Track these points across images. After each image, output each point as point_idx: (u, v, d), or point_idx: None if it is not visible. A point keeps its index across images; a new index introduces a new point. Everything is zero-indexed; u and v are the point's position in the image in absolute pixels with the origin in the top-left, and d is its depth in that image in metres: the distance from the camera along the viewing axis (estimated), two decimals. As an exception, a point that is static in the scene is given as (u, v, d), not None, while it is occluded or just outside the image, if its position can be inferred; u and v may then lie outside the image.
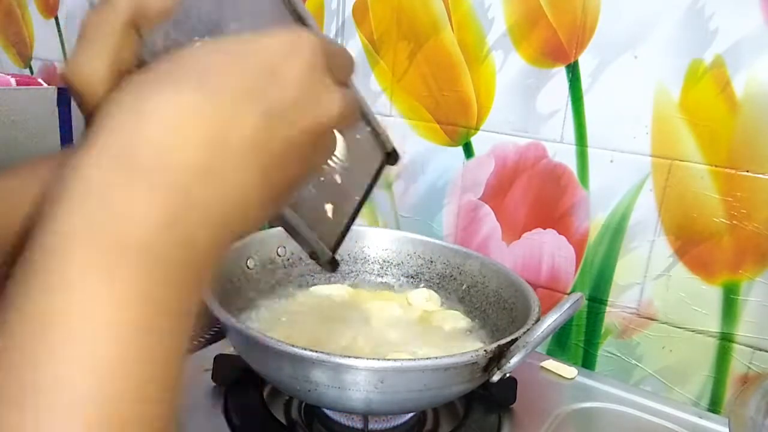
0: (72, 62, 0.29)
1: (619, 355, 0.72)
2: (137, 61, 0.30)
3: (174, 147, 0.21)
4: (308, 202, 0.34)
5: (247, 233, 0.27)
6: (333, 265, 0.36)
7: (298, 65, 0.25)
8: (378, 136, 0.38)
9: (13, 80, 0.94)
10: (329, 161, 0.32)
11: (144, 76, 0.23)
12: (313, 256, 0.35)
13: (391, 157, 0.39)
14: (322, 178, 0.35)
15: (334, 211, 0.36)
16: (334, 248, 0.36)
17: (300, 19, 0.34)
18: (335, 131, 0.29)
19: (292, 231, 0.33)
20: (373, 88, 0.81)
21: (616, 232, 0.69)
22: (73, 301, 0.19)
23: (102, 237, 0.20)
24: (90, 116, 0.30)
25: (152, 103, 0.22)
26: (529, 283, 0.61)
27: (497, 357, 0.49)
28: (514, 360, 0.49)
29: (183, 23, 0.30)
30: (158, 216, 0.21)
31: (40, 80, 1.00)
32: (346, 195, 0.37)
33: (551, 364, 0.70)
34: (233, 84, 0.23)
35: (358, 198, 0.38)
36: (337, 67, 0.27)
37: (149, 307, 0.20)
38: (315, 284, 0.71)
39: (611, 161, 0.68)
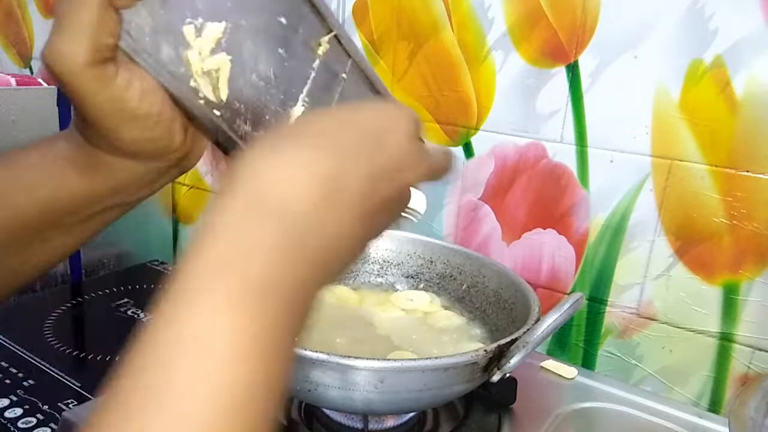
0: (50, 45, 0.28)
1: (619, 355, 0.72)
2: (120, 43, 0.29)
3: (296, 198, 0.24)
4: None
5: (341, 277, 0.29)
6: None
7: (401, 134, 0.29)
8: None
9: (13, 80, 0.94)
10: (409, 215, 0.35)
11: (273, 135, 0.26)
12: None
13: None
14: None
15: None
16: None
17: (313, 6, 0.34)
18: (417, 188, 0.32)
19: None
20: (373, 88, 0.81)
21: (616, 232, 0.69)
22: (198, 325, 0.21)
23: (227, 272, 0.22)
24: (71, 98, 0.30)
25: (279, 158, 0.25)
26: (529, 283, 0.61)
27: (497, 357, 0.49)
28: (514, 360, 0.49)
29: (170, 4, 0.30)
30: (278, 256, 0.23)
31: (40, 80, 1.00)
32: None
33: (551, 364, 0.70)
34: (346, 146, 0.27)
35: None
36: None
37: (258, 342, 0.22)
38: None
39: (611, 161, 0.68)
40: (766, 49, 0.58)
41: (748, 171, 0.61)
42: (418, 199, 0.35)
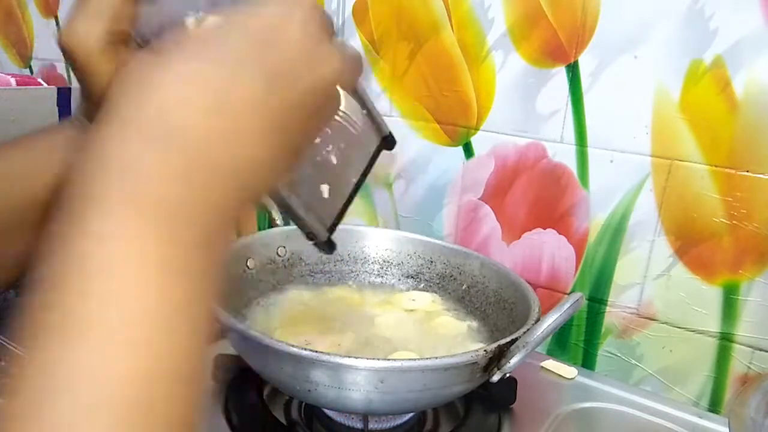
0: (68, 25, 0.30)
1: (619, 355, 0.72)
2: (132, 31, 0.31)
3: (180, 112, 0.23)
4: (305, 182, 0.35)
5: (263, 193, 0.28)
6: (330, 247, 0.37)
7: (295, 27, 0.26)
8: (374, 119, 0.38)
9: (13, 80, 0.94)
10: (337, 117, 0.33)
11: (151, 53, 0.24)
12: (311, 236, 0.36)
13: (388, 141, 0.39)
14: (319, 158, 0.35)
15: (331, 193, 0.37)
16: (331, 230, 0.37)
17: None
18: (338, 88, 0.29)
19: (288, 210, 0.33)
20: (373, 88, 0.81)
21: (616, 232, 0.69)
22: (110, 252, 0.21)
23: (133, 198, 0.21)
24: (83, 81, 0.31)
25: (160, 75, 0.23)
26: (529, 283, 0.61)
27: (497, 357, 0.49)
28: (514, 360, 0.49)
29: None
30: (172, 175, 0.22)
31: (40, 80, 1.00)
32: (342, 177, 0.38)
33: (551, 364, 0.70)
34: (232, 51, 0.25)
35: (354, 180, 0.38)
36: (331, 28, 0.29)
37: (173, 265, 0.21)
38: (315, 284, 0.71)
39: (611, 161, 0.68)
40: (766, 49, 0.58)
41: (748, 171, 0.61)
42: (349, 103, 0.33)
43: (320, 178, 0.36)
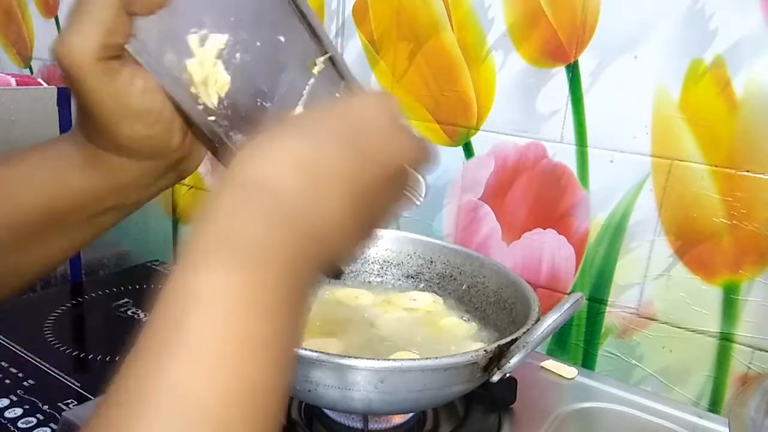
0: (62, 38, 0.30)
1: (619, 355, 0.72)
2: (127, 45, 0.31)
3: (276, 174, 0.26)
4: None
5: (341, 259, 0.31)
6: (337, 273, 0.37)
7: (384, 117, 0.31)
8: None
9: (13, 80, 0.94)
10: (411, 195, 0.35)
11: (263, 132, 0.28)
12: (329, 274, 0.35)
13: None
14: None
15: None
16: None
17: (303, 16, 0.35)
18: (413, 170, 0.33)
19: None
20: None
21: (616, 232, 0.69)
22: (210, 291, 0.23)
23: (232, 245, 0.24)
24: (77, 94, 0.32)
25: (265, 147, 0.27)
26: (529, 283, 0.61)
27: (497, 357, 0.49)
28: (514, 360, 0.49)
29: (178, 14, 0.31)
30: (264, 225, 0.25)
31: (40, 80, 1.00)
32: None
33: (551, 364, 0.70)
34: (327, 132, 0.29)
35: (383, 219, 0.39)
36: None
37: (267, 307, 0.24)
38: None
39: (611, 161, 0.68)
40: (766, 49, 0.58)
41: (748, 171, 0.61)
42: (417, 182, 0.36)
43: None
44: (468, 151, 0.77)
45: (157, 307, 0.23)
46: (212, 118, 0.33)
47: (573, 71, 0.68)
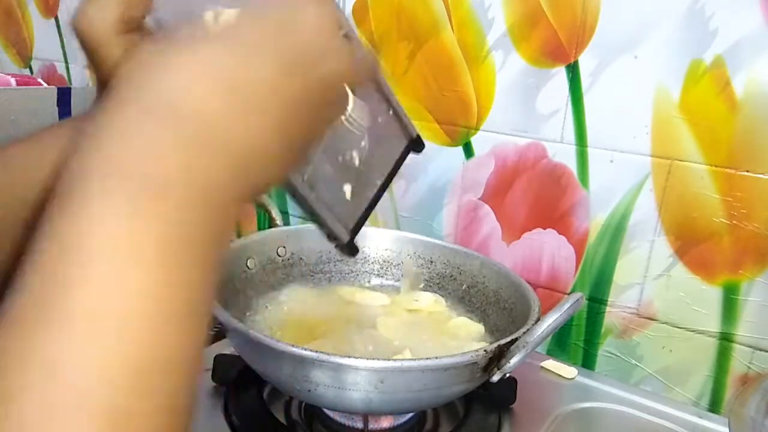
0: (81, 10, 0.30)
1: (619, 355, 0.72)
2: (145, 18, 0.30)
3: (194, 94, 0.22)
4: (326, 181, 0.34)
5: (268, 184, 0.27)
6: (352, 250, 0.36)
7: (309, 20, 0.26)
8: (401, 121, 0.37)
9: (13, 80, 0.94)
10: (345, 120, 0.32)
11: (164, 39, 0.24)
12: (331, 238, 0.34)
13: (416, 143, 0.39)
14: (341, 158, 0.35)
15: (354, 194, 0.36)
16: (353, 232, 0.36)
17: None
18: (347, 88, 0.29)
19: (310, 210, 0.32)
20: (373, 88, 0.81)
21: (616, 232, 0.69)
22: (94, 232, 0.19)
23: (123, 173, 0.20)
24: (95, 68, 0.31)
25: (173, 57, 0.23)
26: (529, 283, 0.61)
27: (497, 357, 0.49)
28: (514, 360, 0.49)
29: None
30: (179, 157, 0.21)
31: (40, 80, 1.00)
32: (366, 179, 0.37)
33: (551, 364, 0.70)
34: (249, 35, 0.25)
35: (379, 182, 0.37)
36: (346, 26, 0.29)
37: (167, 248, 0.20)
38: (315, 284, 0.71)
39: (611, 161, 0.68)
40: (766, 49, 0.58)
41: (748, 171, 0.61)
42: (358, 108, 0.33)
43: (343, 179, 0.35)
44: (468, 151, 0.77)
45: (31, 260, 0.19)
46: None
47: (573, 71, 0.68)
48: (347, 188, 0.35)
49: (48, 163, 0.33)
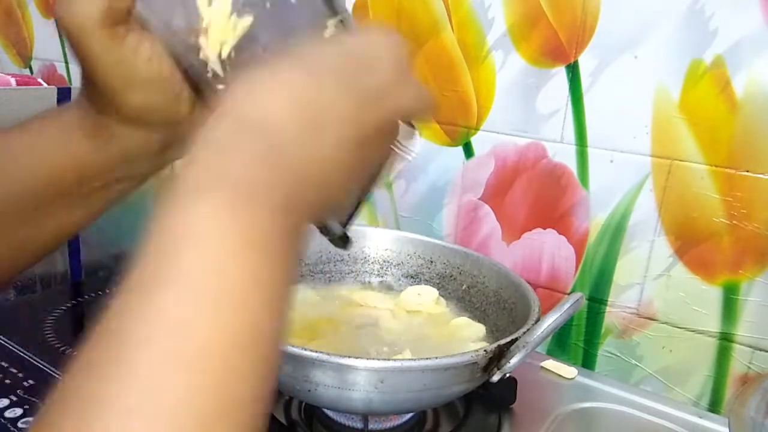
0: (66, 2, 0.29)
1: (619, 355, 0.72)
2: (130, 5, 0.30)
3: (275, 115, 0.24)
4: None
5: (333, 202, 0.29)
6: (345, 242, 0.36)
7: (391, 58, 0.29)
8: None
9: (13, 80, 0.94)
10: (398, 148, 0.33)
11: (262, 64, 0.26)
12: (324, 231, 0.34)
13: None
14: None
15: None
16: (346, 224, 0.36)
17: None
18: (409, 122, 0.32)
19: None
20: (373, 88, 0.81)
21: (616, 232, 0.69)
22: (197, 225, 0.22)
23: (220, 179, 0.23)
24: (81, 60, 0.31)
25: (263, 81, 0.25)
26: (529, 283, 0.61)
27: (497, 357, 0.49)
28: (514, 360, 0.49)
29: None
30: (263, 167, 0.24)
31: (40, 80, 1.00)
32: None
33: (551, 364, 0.70)
34: (328, 69, 0.27)
35: (371, 173, 0.37)
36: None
37: (250, 244, 0.22)
38: (315, 284, 0.71)
39: (611, 161, 0.68)
40: (766, 49, 0.58)
41: (748, 171, 0.61)
42: (409, 136, 0.34)
43: None
44: (468, 151, 0.77)
45: (144, 246, 0.22)
46: (221, 86, 0.32)
47: (573, 71, 0.68)
48: None
49: (46, 155, 0.34)
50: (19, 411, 0.61)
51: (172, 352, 0.19)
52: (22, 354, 0.71)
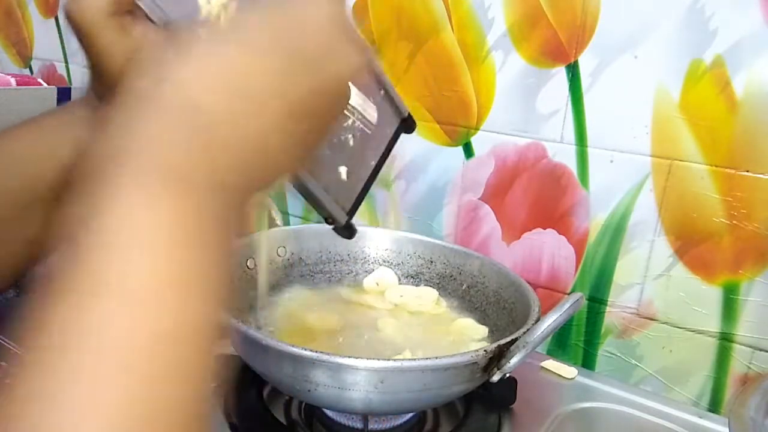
0: None
1: (619, 355, 0.72)
2: (138, 1, 0.30)
3: (197, 90, 0.23)
4: (323, 163, 0.34)
5: (274, 179, 0.28)
6: (349, 231, 0.36)
7: (320, 20, 0.27)
8: (393, 101, 0.38)
9: (13, 80, 0.94)
10: (347, 112, 0.33)
11: (169, 35, 0.25)
12: (329, 220, 0.35)
13: (407, 123, 0.39)
14: (336, 140, 0.35)
15: (349, 175, 0.36)
16: (350, 213, 0.36)
17: None
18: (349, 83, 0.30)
19: (307, 192, 0.33)
20: (373, 88, 0.81)
21: (616, 232, 0.69)
22: (123, 217, 0.21)
23: (145, 164, 0.22)
24: (88, 53, 0.31)
25: (179, 54, 0.24)
26: (529, 283, 0.61)
27: (497, 357, 0.49)
28: (514, 360, 0.49)
29: None
30: (191, 149, 0.23)
31: (40, 80, 1.00)
32: (361, 160, 0.37)
33: (551, 364, 0.70)
34: (255, 35, 0.25)
35: (373, 163, 0.37)
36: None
37: (181, 231, 0.22)
38: (315, 284, 0.71)
39: (611, 161, 0.68)
40: (766, 49, 0.58)
41: (748, 171, 0.61)
42: (365, 104, 0.33)
43: (338, 160, 0.35)
44: (468, 151, 0.77)
45: (77, 240, 0.21)
46: None
47: (573, 71, 0.68)
48: (342, 170, 0.36)
49: (54, 152, 0.34)
50: (19, 411, 0.61)
51: (102, 361, 0.19)
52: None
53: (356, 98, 0.35)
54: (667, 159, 0.65)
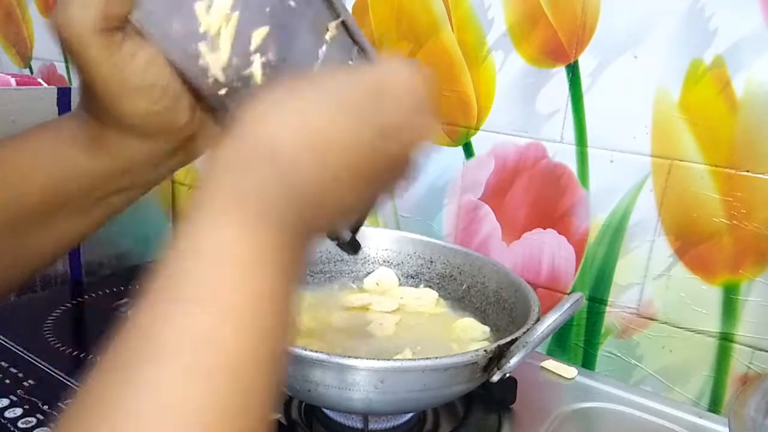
0: (60, 8, 0.29)
1: (619, 355, 0.72)
2: (130, 15, 0.30)
3: (288, 142, 0.26)
4: None
5: (331, 226, 0.31)
6: (354, 247, 0.36)
7: (409, 95, 0.29)
8: None
9: (13, 80, 0.94)
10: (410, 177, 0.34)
11: (273, 92, 0.27)
12: (333, 236, 0.34)
13: None
14: None
15: None
16: (354, 229, 0.36)
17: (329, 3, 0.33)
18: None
19: None
20: (373, 88, 0.81)
21: (616, 232, 0.69)
22: (205, 244, 0.24)
23: (237, 204, 0.25)
24: (78, 67, 0.31)
25: (274, 109, 0.26)
26: (529, 283, 0.61)
27: (497, 357, 0.49)
28: (514, 360, 0.49)
29: None
30: (275, 193, 0.25)
31: (40, 80, 1.00)
32: None
33: (551, 364, 0.70)
34: (347, 99, 0.27)
35: (380, 196, 0.37)
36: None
37: (258, 261, 0.24)
38: (315, 284, 0.71)
39: (611, 161, 0.68)
40: (766, 49, 0.58)
41: (748, 171, 0.61)
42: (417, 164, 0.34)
43: None
44: (468, 151, 0.77)
45: (162, 264, 0.23)
46: (223, 91, 0.32)
47: (573, 71, 0.68)
48: None
49: (46, 167, 0.33)
50: (19, 411, 0.61)
51: (190, 362, 0.21)
52: (22, 354, 0.71)
53: None
54: (667, 159, 0.65)
